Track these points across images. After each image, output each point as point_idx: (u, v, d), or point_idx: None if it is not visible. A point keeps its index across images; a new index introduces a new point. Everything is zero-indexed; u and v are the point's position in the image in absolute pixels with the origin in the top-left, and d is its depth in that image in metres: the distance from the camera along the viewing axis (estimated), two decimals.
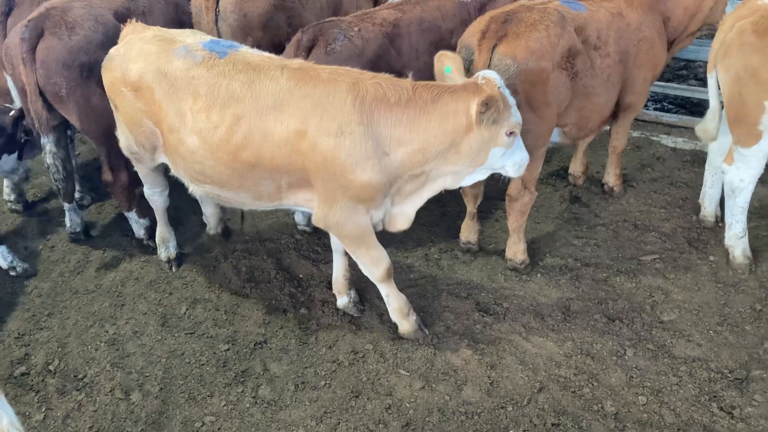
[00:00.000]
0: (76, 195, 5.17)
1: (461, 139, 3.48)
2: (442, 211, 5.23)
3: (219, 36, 4.67)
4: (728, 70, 4.04)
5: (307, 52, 4.17)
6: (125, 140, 4.15)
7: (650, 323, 4.15)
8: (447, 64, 3.63)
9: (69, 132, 5.05)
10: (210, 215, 4.94)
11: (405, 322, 4.04)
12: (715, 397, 3.68)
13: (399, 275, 4.60)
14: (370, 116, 3.41)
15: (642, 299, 4.33)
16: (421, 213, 5.12)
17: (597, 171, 5.63)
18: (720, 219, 4.87)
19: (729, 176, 4.33)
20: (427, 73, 4.60)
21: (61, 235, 5.15)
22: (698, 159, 5.63)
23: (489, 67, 3.85)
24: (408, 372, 3.87)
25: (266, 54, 3.73)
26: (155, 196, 4.52)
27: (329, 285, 4.47)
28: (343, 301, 4.27)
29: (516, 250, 4.55)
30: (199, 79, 3.56)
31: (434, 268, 4.67)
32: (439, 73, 3.69)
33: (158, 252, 4.77)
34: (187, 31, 3.96)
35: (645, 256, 4.70)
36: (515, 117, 3.50)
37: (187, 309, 4.40)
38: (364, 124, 3.40)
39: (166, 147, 3.88)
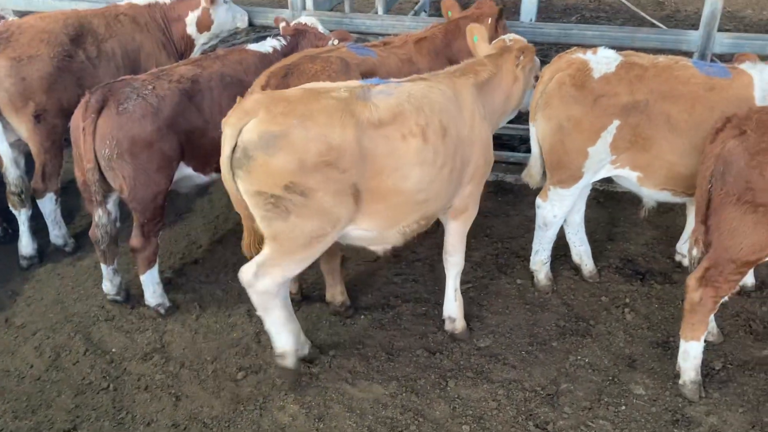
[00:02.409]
0: (61, 241, 5.20)
1: (512, 90, 4.27)
2: None
3: None
4: (550, 120, 4.27)
5: (97, 113, 3.98)
6: (314, 228, 3.50)
7: (468, 351, 4.33)
8: (474, 34, 4.43)
9: None
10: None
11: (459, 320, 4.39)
12: (530, 415, 3.89)
13: (220, 336, 4.47)
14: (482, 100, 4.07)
15: None
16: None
17: None
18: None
19: (543, 211, 4.62)
20: None
21: None
22: (500, 189, 6.03)
23: None
24: None
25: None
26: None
27: (146, 356, 4.24)
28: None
29: (334, 292, 4.59)
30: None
31: (258, 323, 4.56)
32: (470, 43, 4.46)
33: None
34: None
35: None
36: (537, 62, 4.44)
37: None
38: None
39: (366, 204, 3.58)
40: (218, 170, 4.62)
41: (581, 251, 4.94)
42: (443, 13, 5.36)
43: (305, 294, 4.82)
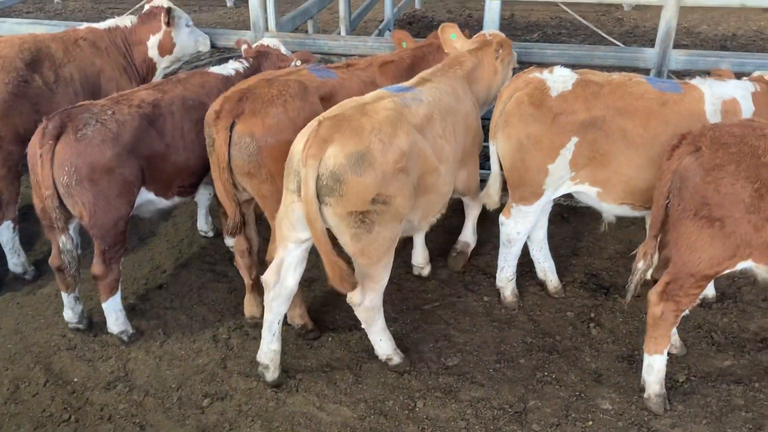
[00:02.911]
0: (20, 269, 5.12)
1: (492, 81, 4.68)
2: (229, 287, 5.11)
3: None
4: (510, 139, 4.31)
5: (55, 140, 3.92)
6: (393, 231, 3.80)
7: (437, 371, 4.33)
8: (450, 32, 4.79)
9: None
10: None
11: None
12: None
13: (185, 362, 4.40)
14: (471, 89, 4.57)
15: (427, 348, 4.52)
16: (206, 292, 5.05)
17: None
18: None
19: (507, 228, 4.65)
20: (195, 151, 4.55)
21: None
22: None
23: (230, 145, 3.90)
24: None
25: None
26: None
27: (109, 385, 4.17)
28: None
29: (292, 315, 4.55)
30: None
31: (224, 348, 4.52)
32: (446, 41, 4.81)
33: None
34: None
35: (427, 305, 4.93)
36: (515, 55, 4.90)
37: None
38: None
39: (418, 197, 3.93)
40: (181, 194, 4.66)
41: (545, 267, 4.99)
42: (396, 45, 5.38)
43: None
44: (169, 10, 5.49)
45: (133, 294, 5.02)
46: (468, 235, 5.29)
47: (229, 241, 5.43)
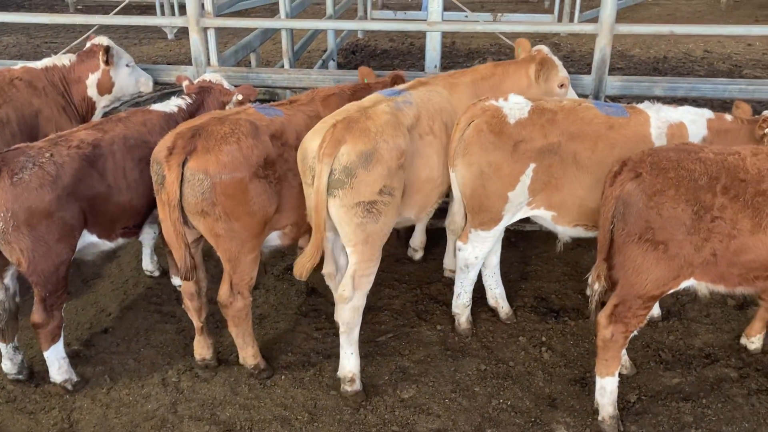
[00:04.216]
0: None
1: (525, 93, 4.67)
2: (177, 328, 4.98)
3: None
4: (470, 166, 4.34)
5: None
6: (391, 222, 4.20)
7: (393, 404, 4.29)
8: (519, 47, 5.33)
9: None
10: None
11: None
12: None
13: (134, 409, 4.25)
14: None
15: (382, 381, 4.48)
16: (153, 334, 4.92)
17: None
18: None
19: (464, 254, 4.67)
20: (139, 191, 4.45)
21: None
22: (410, 229, 6.08)
23: (182, 182, 3.85)
24: None
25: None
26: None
27: None
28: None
29: (245, 355, 4.46)
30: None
31: (174, 392, 4.39)
32: (516, 55, 5.32)
33: None
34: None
35: (380, 336, 4.90)
36: (563, 73, 5.06)
37: None
38: None
39: (408, 196, 4.30)
40: (125, 235, 4.54)
41: (497, 294, 5.03)
42: (359, 79, 5.45)
43: (222, 358, 4.67)
44: (107, 49, 5.39)
45: (76, 340, 4.84)
46: (450, 260, 5.51)
47: (176, 281, 5.32)
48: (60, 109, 5.23)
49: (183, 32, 14.31)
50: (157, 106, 4.92)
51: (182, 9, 14.49)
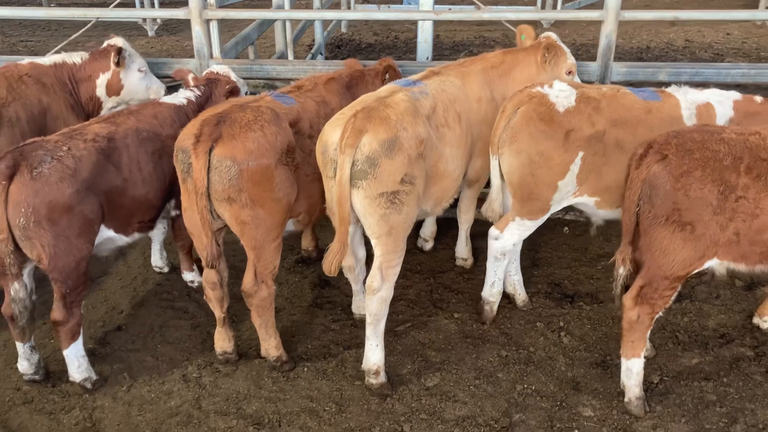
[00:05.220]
0: None
1: (534, 80, 4.77)
2: (192, 323, 4.91)
3: None
4: (519, 154, 4.31)
5: (8, 180, 3.68)
6: (414, 213, 4.19)
7: (418, 393, 4.29)
8: (522, 34, 5.25)
9: None
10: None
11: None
12: None
13: (157, 406, 4.18)
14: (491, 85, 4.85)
15: (406, 371, 4.47)
16: (168, 330, 4.85)
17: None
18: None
19: (501, 242, 4.65)
20: (153, 184, 4.40)
21: None
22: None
23: (209, 169, 3.79)
24: None
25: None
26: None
27: None
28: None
29: (267, 346, 4.41)
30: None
31: (196, 388, 4.32)
32: (518, 42, 5.27)
33: None
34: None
35: (399, 326, 4.88)
36: (571, 60, 5.04)
37: None
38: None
39: (427, 187, 4.26)
40: (140, 229, 4.48)
41: (515, 280, 5.05)
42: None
43: (241, 352, 4.61)
44: (120, 50, 5.30)
45: (90, 338, 4.73)
46: (461, 247, 5.55)
47: (188, 276, 5.27)
48: (68, 107, 5.11)
49: (163, 29, 14.14)
50: (167, 99, 4.87)
51: (162, 4, 14.37)
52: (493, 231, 4.68)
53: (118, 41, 5.38)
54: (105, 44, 5.43)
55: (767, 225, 3.68)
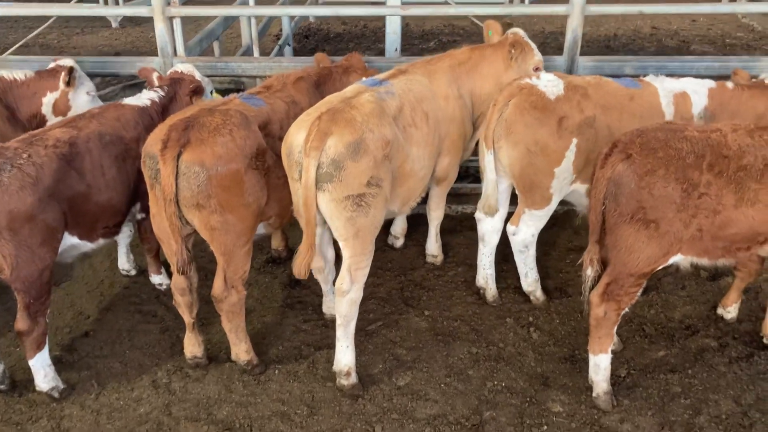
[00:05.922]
0: None
1: (502, 76, 4.86)
2: (161, 327, 4.87)
3: None
4: (516, 145, 4.40)
5: None
6: (381, 215, 4.15)
7: (390, 392, 4.30)
8: (489, 29, 5.20)
9: None
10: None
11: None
12: None
13: (126, 413, 4.14)
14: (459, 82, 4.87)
15: (377, 370, 4.48)
16: (137, 335, 4.80)
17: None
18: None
19: (520, 236, 4.79)
20: (117, 189, 4.33)
21: None
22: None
23: (177, 175, 3.74)
24: None
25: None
26: None
27: None
28: None
29: (238, 351, 4.39)
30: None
31: (165, 394, 4.29)
32: (485, 37, 5.23)
33: None
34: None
35: (370, 325, 4.89)
36: (537, 56, 5.00)
37: None
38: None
39: (393, 188, 4.22)
40: (105, 235, 4.41)
41: (488, 274, 5.08)
42: (315, 65, 5.37)
43: (212, 355, 4.58)
44: (71, 70, 5.17)
45: (57, 345, 4.66)
46: (431, 245, 5.57)
47: (156, 279, 5.21)
48: (4, 120, 4.97)
49: (127, 21, 13.87)
50: (130, 100, 4.78)
51: None
52: (510, 227, 4.82)
53: (67, 62, 5.26)
54: (53, 64, 5.30)
55: (729, 221, 3.75)
